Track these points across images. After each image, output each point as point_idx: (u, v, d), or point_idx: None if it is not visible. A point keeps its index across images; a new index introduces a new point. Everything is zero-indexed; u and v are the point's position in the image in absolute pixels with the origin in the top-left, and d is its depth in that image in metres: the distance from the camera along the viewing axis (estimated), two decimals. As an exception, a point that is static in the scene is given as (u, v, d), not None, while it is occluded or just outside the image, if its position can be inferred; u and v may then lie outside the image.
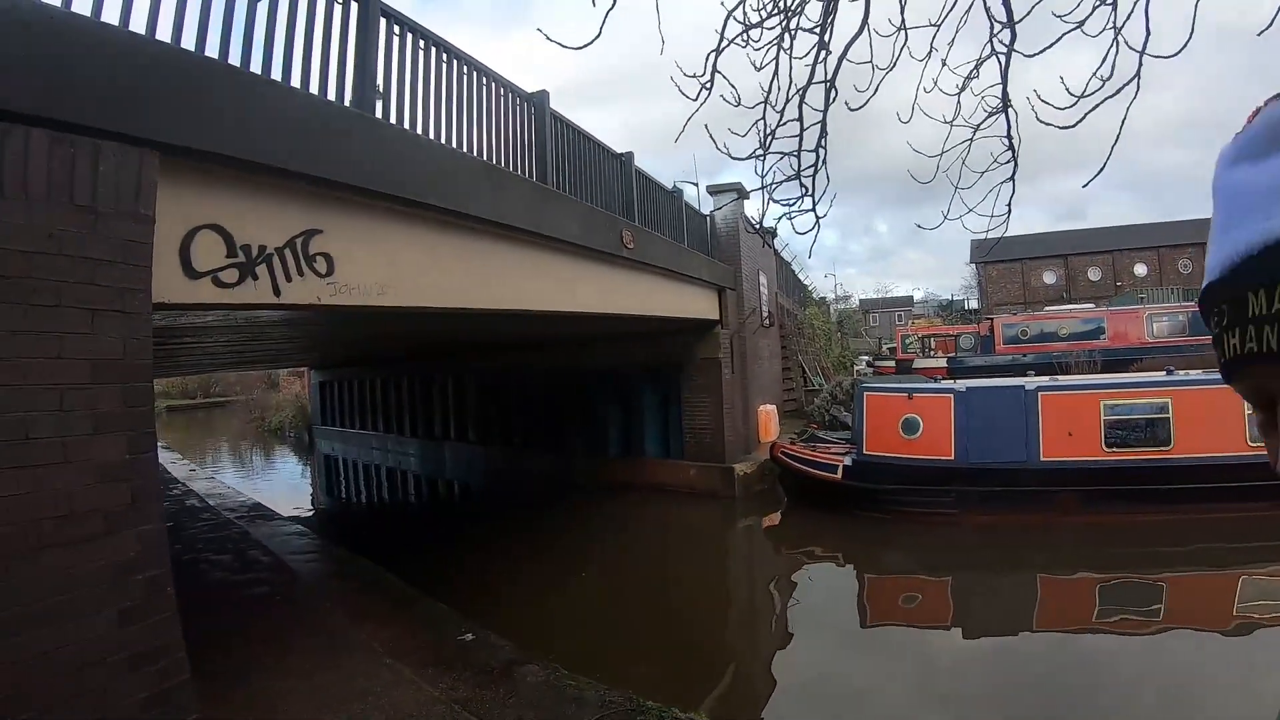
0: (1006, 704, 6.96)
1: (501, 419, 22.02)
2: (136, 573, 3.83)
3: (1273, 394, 0.63)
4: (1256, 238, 0.60)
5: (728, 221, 17.83)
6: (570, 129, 10.20)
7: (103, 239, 3.73)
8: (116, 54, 3.93)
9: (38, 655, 3.42)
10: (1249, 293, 0.60)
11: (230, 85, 4.68)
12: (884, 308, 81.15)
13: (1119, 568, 10.59)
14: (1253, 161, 0.63)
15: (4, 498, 3.34)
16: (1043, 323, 28.53)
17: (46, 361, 3.50)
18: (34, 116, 3.47)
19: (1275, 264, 0.58)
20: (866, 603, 10.59)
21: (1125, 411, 12.00)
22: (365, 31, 6.17)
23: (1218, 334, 0.65)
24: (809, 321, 32.28)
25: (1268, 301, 0.59)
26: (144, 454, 3.92)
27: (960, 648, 8.55)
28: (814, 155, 3.52)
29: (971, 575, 11.08)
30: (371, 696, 6.37)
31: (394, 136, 6.30)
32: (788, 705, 7.25)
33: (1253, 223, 0.61)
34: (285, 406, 43.76)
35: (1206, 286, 0.67)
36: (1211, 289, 0.66)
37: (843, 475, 13.64)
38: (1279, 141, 0.61)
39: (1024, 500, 12.12)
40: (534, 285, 8.67)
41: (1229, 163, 0.66)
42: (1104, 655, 7.90)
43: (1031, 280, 53.45)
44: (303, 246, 5.30)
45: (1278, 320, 0.58)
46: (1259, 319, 0.60)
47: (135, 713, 3.80)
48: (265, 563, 11.33)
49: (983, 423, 12.60)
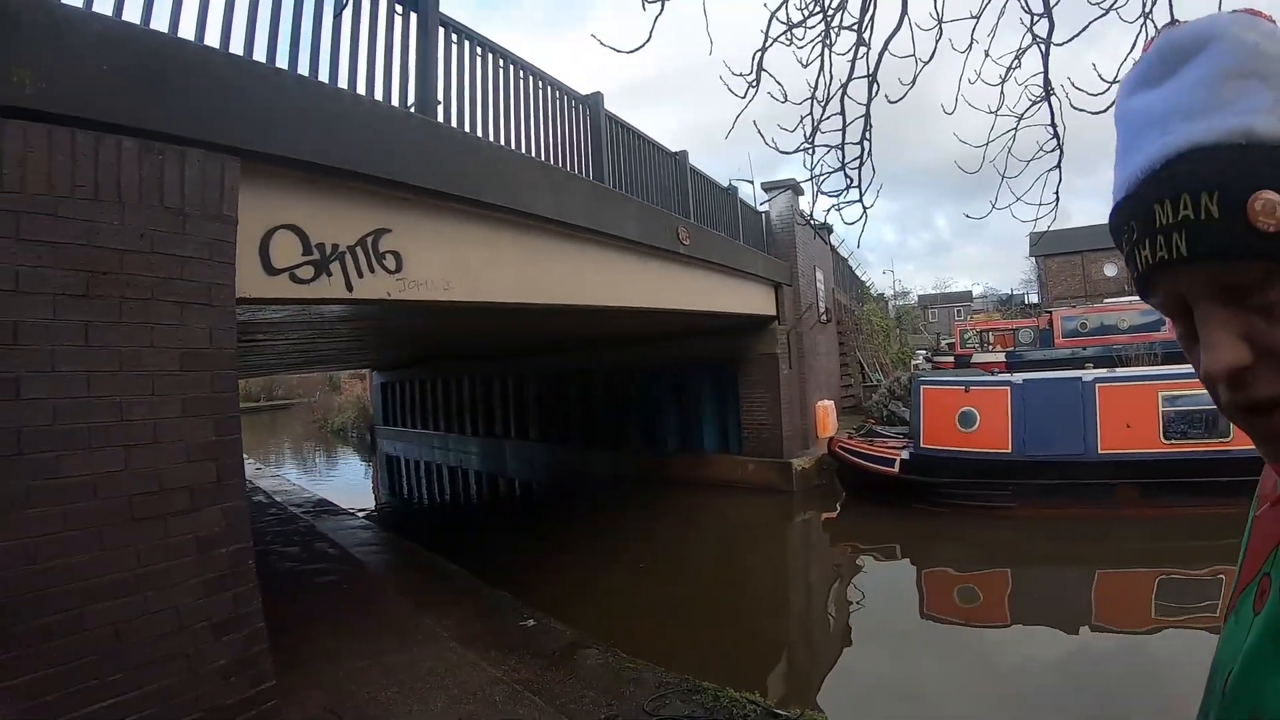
0: (1064, 702, 6.86)
1: (561, 417, 22.26)
2: (221, 545, 4.11)
3: (1187, 301, 0.67)
4: (1157, 152, 0.65)
5: (783, 218, 17.89)
6: (625, 129, 10.38)
7: (190, 238, 4.02)
8: (200, 68, 4.22)
9: (130, 619, 3.69)
10: (1155, 205, 0.65)
11: (302, 94, 4.96)
12: (943, 303, 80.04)
13: (1179, 562, 10.41)
14: (1149, 87, 0.69)
15: (102, 473, 3.63)
16: (1102, 315, 27.89)
17: (140, 350, 3.78)
18: (126, 126, 3.77)
19: (1176, 175, 0.64)
20: (923, 597, 10.54)
21: (1183, 402, 11.84)
22: (425, 40, 6.44)
23: (1129, 251, 0.70)
24: (867, 318, 32.08)
25: (1173, 210, 0.64)
26: (229, 436, 4.20)
27: (1017, 643, 8.45)
28: (859, 148, 3.63)
29: (1029, 570, 11.00)
30: (436, 677, 6.60)
31: (455, 139, 6.55)
32: (842, 697, 7.25)
33: (1152, 140, 0.66)
34: (347, 408, 44.42)
35: (1114, 208, 0.72)
36: (1119, 209, 0.71)
37: (900, 469, 13.66)
38: (1171, 67, 0.67)
39: (1082, 493, 12.00)
40: (593, 281, 8.87)
41: (1128, 92, 0.72)
42: (1166, 653, 7.79)
43: (1092, 273, 52.17)
44: (373, 245, 5.58)
45: (1184, 226, 0.63)
46: (1167, 228, 0.64)
47: (218, 677, 4.06)
48: (332, 554, 11.66)
49: (1040, 415, 12.50)
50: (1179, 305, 0.69)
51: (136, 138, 3.81)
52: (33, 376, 3.40)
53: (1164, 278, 0.68)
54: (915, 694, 7.24)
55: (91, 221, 3.61)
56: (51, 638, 3.41)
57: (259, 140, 4.48)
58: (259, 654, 4.33)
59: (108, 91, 3.68)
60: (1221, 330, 0.65)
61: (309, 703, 6.07)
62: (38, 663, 3.35)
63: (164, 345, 3.89)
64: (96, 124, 3.64)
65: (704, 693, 6.05)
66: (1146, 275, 0.69)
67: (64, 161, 3.52)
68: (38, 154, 3.42)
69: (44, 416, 3.43)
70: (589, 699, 6.07)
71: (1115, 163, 0.72)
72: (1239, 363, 0.64)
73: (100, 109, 3.65)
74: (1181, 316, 0.69)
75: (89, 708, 3.50)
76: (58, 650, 3.42)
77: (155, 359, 3.84)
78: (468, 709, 5.94)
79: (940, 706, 6.98)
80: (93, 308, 3.60)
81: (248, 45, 4.87)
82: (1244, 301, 0.64)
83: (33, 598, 3.35)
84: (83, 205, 3.58)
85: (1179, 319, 0.70)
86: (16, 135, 3.36)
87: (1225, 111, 0.64)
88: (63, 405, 3.50)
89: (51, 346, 3.46)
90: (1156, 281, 0.69)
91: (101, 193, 3.66)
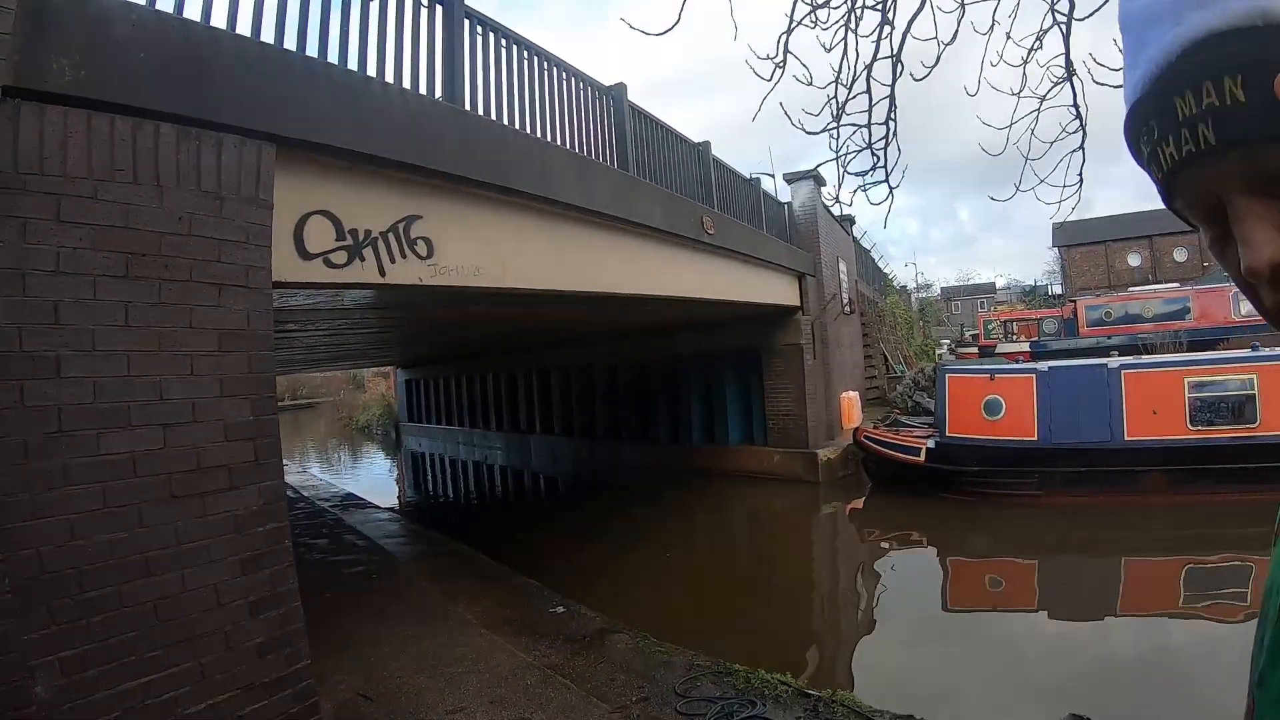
0: (1092, 691, 6.64)
1: (585, 410, 22.34)
2: (258, 524, 4.17)
3: (1217, 198, 0.63)
4: (1173, 44, 0.61)
5: (805, 209, 17.86)
6: (648, 120, 10.41)
7: (227, 221, 4.08)
8: (235, 56, 4.29)
9: (168, 596, 3.75)
10: (1175, 98, 0.61)
11: (335, 82, 5.02)
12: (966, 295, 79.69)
13: (1207, 549, 10.37)
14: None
15: (141, 452, 3.69)
16: (1127, 304, 27.64)
17: (179, 331, 3.84)
18: (163, 113, 3.83)
19: (1195, 65, 0.60)
20: (950, 585, 10.52)
21: (1210, 389, 11.79)
22: (450, 32, 6.50)
23: (1150, 151, 0.66)
24: (890, 310, 32.01)
25: (1195, 100, 0.60)
26: (266, 416, 4.26)
27: (1044, 632, 8.43)
28: (884, 128, 3.64)
29: (1056, 558, 10.94)
30: (468, 661, 6.66)
31: (483, 127, 6.61)
32: (869, 681, 7.19)
33: (1164, 33, 0.62)
34: (372, 405, 44.63)
35: (1129, 112, 0.67)
36: (1134, 114, 0.66)
37: (926, 458, 13.63)
38: None
39: (1108, 480, 11.95)
40: (619, 269, 8.91)
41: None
42: (1194, 642, 7.75)
43: (1115, 263, 51.79)
44: (404, 230, 5.63)
45: (1209, 114, 0.59)
46: (1191, 119, 0.60)
47: (254, 655, 4.12)
48: (360, 545, 11.77)
49: (1065, 403, 12.45)
50: (1209, 206, 0.64)
51: (174, 124, 3.88)
52: (73, 355, 3.45)
53: (1191, 175, 0.63)
54: (942, 680, 7.23)
55: (130, 204, 3.67)
56: (92, 613, 3.46)
57: (293, 127, 4.54)
58: (295, 632, 4.38)
59: (145, 79, 3.74)
60: (1260, 223, 0.60)
61: (340, 687, 6.15)
62: (78, 638, 3.40)
63: (202, 326, 3.94)
64: (135, 110, 3.71)
65: (735, 675, 6.09)
66: (1172, 175, 0.65)
67: (103, 146, 3.58)
68: (77, 139, 3.49)
69: (84, 394, 3.49)
70: (620, 682, 6.12)
71: (1125, 69, 0.68)
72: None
73: (138, 96, 3.71)
74: (1212, 219, 0.65)
75: (128, 683, 3.56)
76: (98, 626, 3.48)
77: (194, 339, 3.90)
78: (499, 692, 6.00)
79: (967, 692, 6.97)
80: (132, 288, 3.67)
81: (278, 34, 4.94)
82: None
83: (74, 574, 3.41)
84: (122, 189, 3.64)
85: (1210, 222, 0.65)
86: (57, 121, 3.42)
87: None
88: (103, 384, 3.56)
89: (92, 326, 3.52)
90: (1183, 182, 0.65)
91: (140, 177, 3.72)
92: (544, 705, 5.72)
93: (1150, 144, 0.65)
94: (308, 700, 4.42)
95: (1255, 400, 11.46)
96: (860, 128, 3.63)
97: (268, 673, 4.19)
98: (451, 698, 5.93)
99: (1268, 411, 11.33)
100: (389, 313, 10.70)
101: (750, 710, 5.40)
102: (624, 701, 5.73)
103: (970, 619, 9.38)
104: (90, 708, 3.42)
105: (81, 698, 3.39)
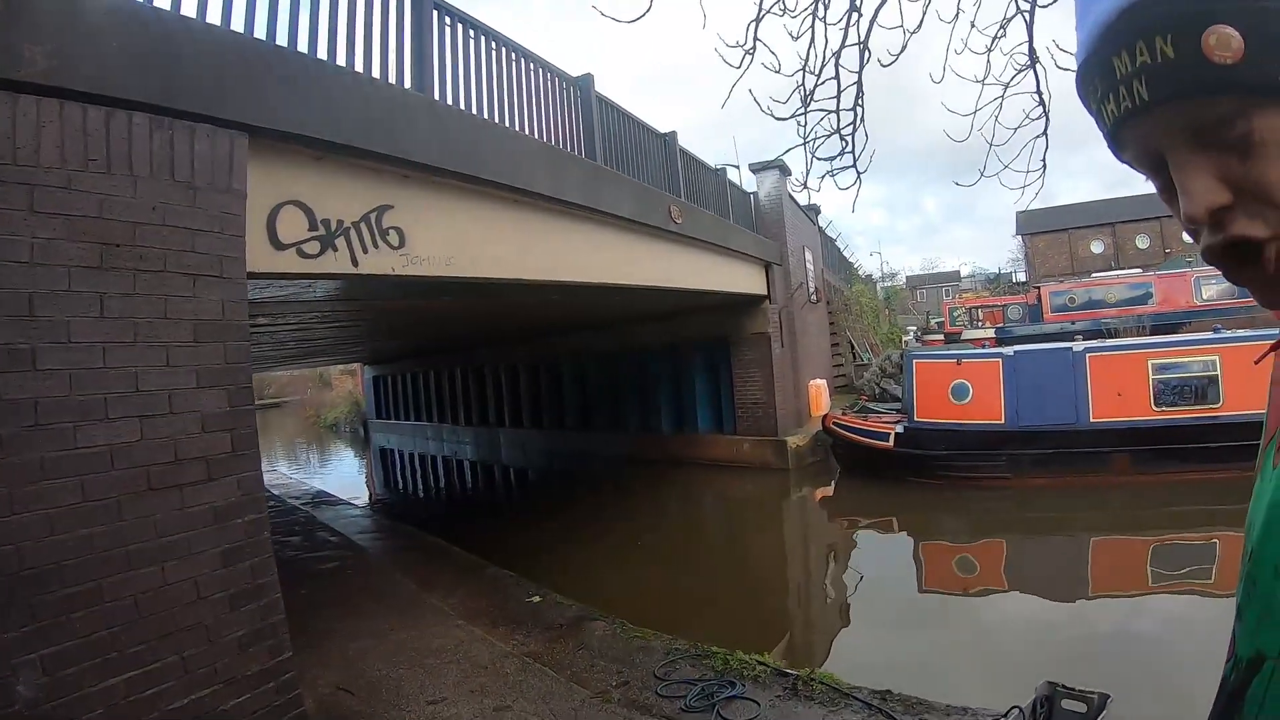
0: (1063, 669, 6.84)
1: (554, 403, 22.35)
2: (237, 516, 4.15)
3: (1159, 151, 0.68)
4: (1112, 5, 0.65)
5: (771, 198, 17.95)
6: (615, 110, 10.42)
7: (201, 211, 4.05)
8: (208, 46, 4.26)
9: (149, 590, 3.72)
10: (1113, 58, 0.66)
11: (306, 72, 4.99)
12: (931, 283, 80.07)
13: (1173, 527, 10.57)
14: None
15: (119, 444, 3.66)
16: (1090, 289, 28.00)
17: (154, 321, 3.81)
18: (136, 102, 3.80)
19: (1130, 24, 0.64)
20: (921, 568, 10.64)
21: (1173, 371, 11.96)
22: (420, 22, 6.49)
23: (1097, 109, 0.71)
24: (856, 298, 32.20)
25: (1130, 59, 0.64)
26: (243, 406, 4.23)
27: (1016, 611, 8.54)
28: (852, 114, 3.68)
29: (1025, 539, 11.10)
30: (447, 652, 6.67)
31: (453, 117, 6.60)
32: (845, 662, 7.19)
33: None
34: (340, 403, 44.49)
35: (1078, 73, 0.72)
36: (1081, 72, 0.71)
37: (894, 443, 13.73)
38: None
39: (1075, 462, 12.12)
40: (588, 259, 8.93)
41: None
42: (1163, 616, 7.87)
43: (1079, 250, 52.27)
44: (376, 221, 5.61)
45: (1142, 72, 0.64)
46: (1127, 76, 0.65)
47: (236, 648, 4.10)
48: (334, 541, 11.72)
49: (1032, 386, 12.60)
50: (1153, 158, 0.70)
51: (146, 113, 3.84)
52: (48, 347, 3.42)
53: (1132, 130, 0.69)
54: (917, 658, 7.30)
55: (104, 195, 3.64)
56: (73, 609, 3.43)
57: (265, 116, 4.51)
58: (276, 624, 4.36)
59: (118, 68, 3.71)
60: (1197, 173, 0.66)
61: (320, 682, 6.13)
62: (60, 635, 3.37)
63: (178, 316, 3.91)
64: (108, 99, 3.67)
65: (713, 657, 6.12)
66: (1115, 130, 0.70)
67: (76, 136, 3.55)
68: (50, 128, 3.45)
69: (61, 387, 3.46)
70: (599, 667, 6.14)
71: (1076, 29, 0.72)
72: (1217, 203, 0.65)
73: (111, 85, 3.67)
74: (1156, 170, 0.70)
75: (110, 679, 3.53)
76: (79, 622, 3.45)
77: (169, 330, 3.88)
78: (479, 682, 6.00)
79: (942, 669, 7.02)
80: (107, 279, 3.63)
81: (248, 23, 4.91)
82: (1215, 142, 0.64)
83: (54, 569, 3.38)
84: (96, 179, 3.61)
85: (1155, 173, 0.71)
86: (30, 110, 3.39)
87: None
88: (79, 375, 3.52)
89: (67, 318, 3.48)
90: (1126, 136, 0.70)
91: (113, 167, 3.69)
92: (524, 693, 5.74)
93: (1096, 102, 0.71)
94: (291, 693, 4.41)
95: (1218, 381, 11.65)
96: (829, 113, 3.68)
97: (250, 666, 4.17)
98: (432, 688, 5.93)
99: (1230, 392, 11.52)
100: (358, 304, 10.65)
101: (730, 690, 5.44)
102: (604, 686, 5.75)
103: (943, 599, 9.47)
104: (73, 705, 3.39)
105: (64, 695, 3.36)
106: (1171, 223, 51.02)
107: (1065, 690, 4.64)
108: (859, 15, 3.38)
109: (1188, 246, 47.69)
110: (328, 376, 50.39)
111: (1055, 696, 4.62)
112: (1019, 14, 3.23)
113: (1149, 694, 6.03)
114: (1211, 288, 24.51)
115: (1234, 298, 23.51)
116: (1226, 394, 11.56)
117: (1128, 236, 51.19)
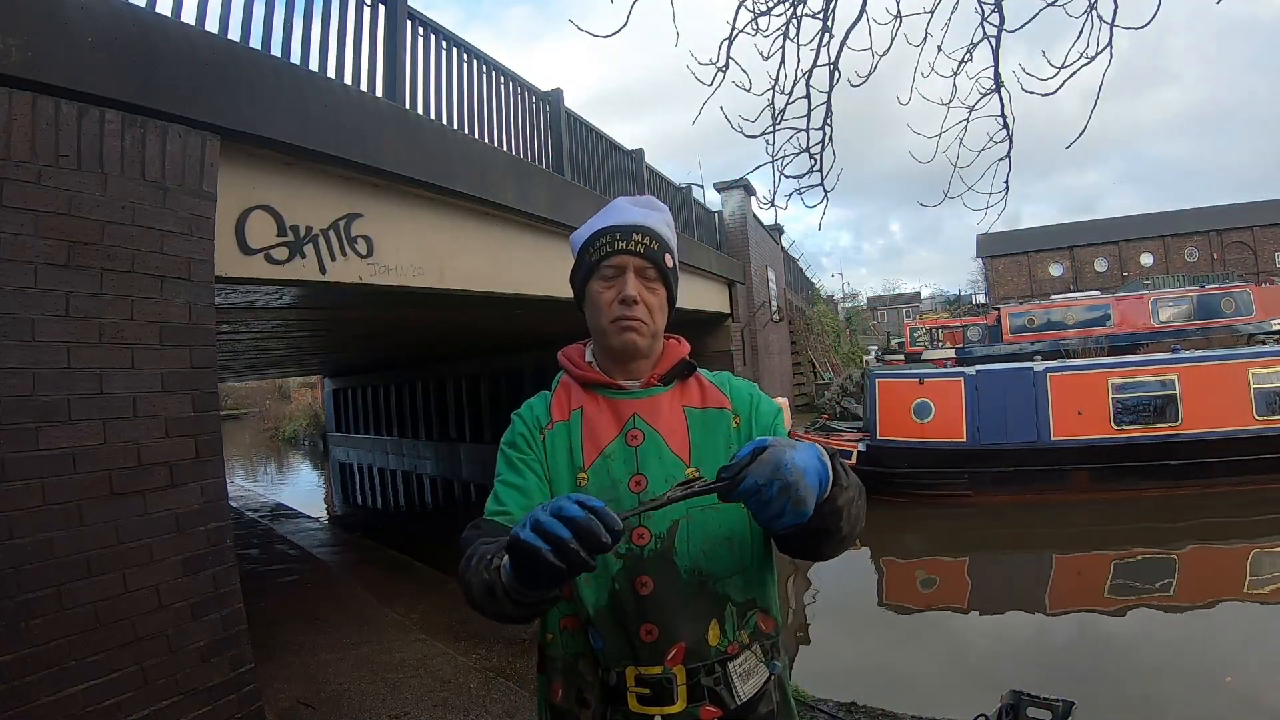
0: (1028, 679, 6.89)
1: (517, 418, 22.12)
2: (199, 523, 4.07)
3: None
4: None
5: (736, 218, 18.05)
6: (583, 126, 10.45)
7: (171, 212, 3.98)
8: (183, 45, 4.20)
9: (109, 598, 3.63)
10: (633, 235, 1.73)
11: (279, 76, 4.95)
12: (891, 304, 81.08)
13: (1131, 543, 10.72)
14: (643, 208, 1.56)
15: (81, 447, 3.58)
16: (1049, 311, 28.25)
17: (120, 322, 3.74)
18: (109, 99, 3.74)
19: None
20: (884, 582, 10.73)
21: (1133, 390, 12.15)
22: (393, 31, 6.47)
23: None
24: (817, 319, 32.44)
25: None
26: (207, 412, 4.16)
27: (977, 628, 8.63)
28: (821, 133, 3.72)
29: (987, 556, 11.23)
30: (409, 666, 6.61)
31: (424, 126, 6.57)
32: (810, 674, 7.21)
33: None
34: (299, 416, 44.16)
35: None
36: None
37: (856, 461, 13.69)
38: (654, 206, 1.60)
39: (1036, 479, 12.29)
40: (555, 272, 8.90)
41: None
42: (1121, 632, 7.98)
43: (1038, 273, 53.21)
44: (345, 228, 5.55)
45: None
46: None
47: (197, 659, 4.01)
48: (293, 555, 11.60)
49: (993, 404, 12.77)
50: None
51: (119, 110, 3.78)
52: (12, 345, 3.34)
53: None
54: (882, 671, 7.37)
55: (74, 191, 3.57)
56: (32, 615, 3.34)
57: (237, 119, 4.45)
58: (239, 635, 4.28)
59: (92, 63, 3.65)
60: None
61: (281, 696, 6.06)
62: (17, 642, 3.28)
63: (144, 318, 3.84)
64: (81, 95, 3.61)
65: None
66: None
67: (48, 130, 3.48)
68: (21, 122, 3.39)
69: (23, 386, 3.38)
70: (563, 682, 6.08)
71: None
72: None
73: (85, 80, 3.61)
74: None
75: (69, 689, 3.44)
76: (37, 630, 3.35)
77: (135, 332, 3.80)
78: (442, 696, 5.96)
79: (907, 681, 7.08)
80: (74, 277, 3.56)
81: (222, 25, 4.87)
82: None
83: (13, 574, 3.29)
84: (66, 175, 3.54)
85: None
86: (2, 102, 3.33)
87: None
88: (43, 375, 3.44)
89: (32, 315, 3.40)
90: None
91: (84, 163, 3.62)
92: (488, 708, 5.70)
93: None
94: (252, 705, 4.32)
95: (1177, 400, 11.85)
96: (798, 131, 3.73)
97: (211, 677, 4.08)
98: (394, 703, 5.88)
99: (1189, 411, 11.72)
100: (323, 313, 10.55)
101: (697, 705, 5.40)
102: (570, 701, 5.69)
103: (905, 614, 9.55)
104: (30, 715, 3.29)
105: (20, 705, 3.26)
106: (1129, 246, 52.22)
107: (1030, 699, 4.67)
108: (830, 36, 3.43)
109: (1145, 270, 48.68)
110: (287, 389, 50.00)
111: (1021, 705, 4.65)
112: (985, 39, 3.29)
113: (1112, 702, 6.11)
114: (1169, 310, 24.94)
115: (1190, 319, 23.95)
116: (1185, 413, 11.76)
117: (1086, 260, 52.17)
